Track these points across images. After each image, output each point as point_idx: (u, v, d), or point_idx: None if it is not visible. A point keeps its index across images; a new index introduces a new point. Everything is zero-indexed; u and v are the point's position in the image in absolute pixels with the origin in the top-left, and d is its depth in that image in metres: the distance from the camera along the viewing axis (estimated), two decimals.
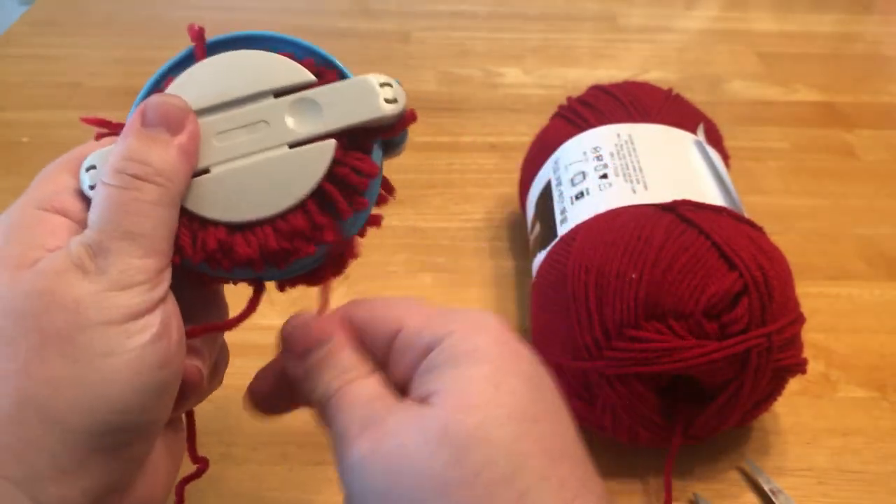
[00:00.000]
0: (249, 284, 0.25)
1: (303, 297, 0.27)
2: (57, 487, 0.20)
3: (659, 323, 0.35)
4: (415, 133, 0.27)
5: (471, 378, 0.20)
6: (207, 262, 0.23)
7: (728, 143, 0.51)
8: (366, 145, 0.25)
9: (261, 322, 0.26)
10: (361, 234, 0.27)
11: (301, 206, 0.23)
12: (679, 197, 0.39)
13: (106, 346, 0.20)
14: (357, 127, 0.24)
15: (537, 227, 0.46)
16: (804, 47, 0.82)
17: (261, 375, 0.26)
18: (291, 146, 0.24)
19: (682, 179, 0.42)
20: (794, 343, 0.38)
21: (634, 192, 0.41)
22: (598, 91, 0.50)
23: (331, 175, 0.24)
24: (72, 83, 0.71)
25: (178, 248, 0.23)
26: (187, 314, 0.23)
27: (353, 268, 0.52)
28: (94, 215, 0.22)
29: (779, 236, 0.41)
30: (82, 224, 0.23)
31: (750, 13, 0.90)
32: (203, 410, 0.28)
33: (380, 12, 0.86)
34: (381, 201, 0.26)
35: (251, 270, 0.23)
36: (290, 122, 0.24)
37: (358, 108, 0.24)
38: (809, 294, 0.50)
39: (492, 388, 0.19)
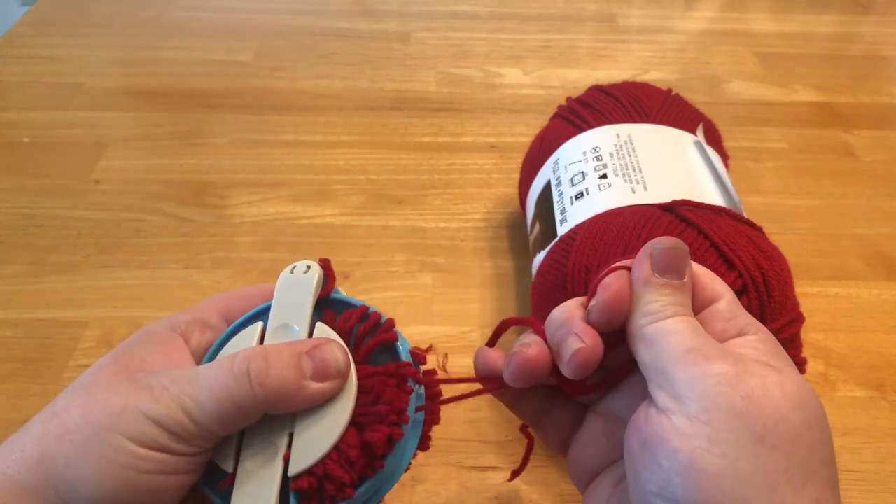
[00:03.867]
0: None
1: None
2: None
3: None
4: (415, 133, 0.27)
5: (802, 378, 0.23)
6: None
7: (727, 144, 0.51)
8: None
9: None
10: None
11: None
12: (678, 197, 0.39)
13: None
14: None
15: (537, 227, 0.46)
16: (803, 48, 0.82)
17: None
18: None
19: (682, 179, 0.42)
20: (794, 343, 0.38)
21: (634, 192, 0.41)
22: (598, 91, 0.50)
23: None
24: (72, 83, 0.71)
25: None
26: None
27: (354, 268, 0.52)
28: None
29: (778, 236, 0.41)
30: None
31: (749, 14, 0.90)
32: None
33: (380, 12, 0.87)
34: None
35: None
36: None
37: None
38: (808, 294, 0.50)
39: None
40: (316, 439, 0.24)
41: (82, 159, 0.61)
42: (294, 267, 0.28)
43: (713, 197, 0.41)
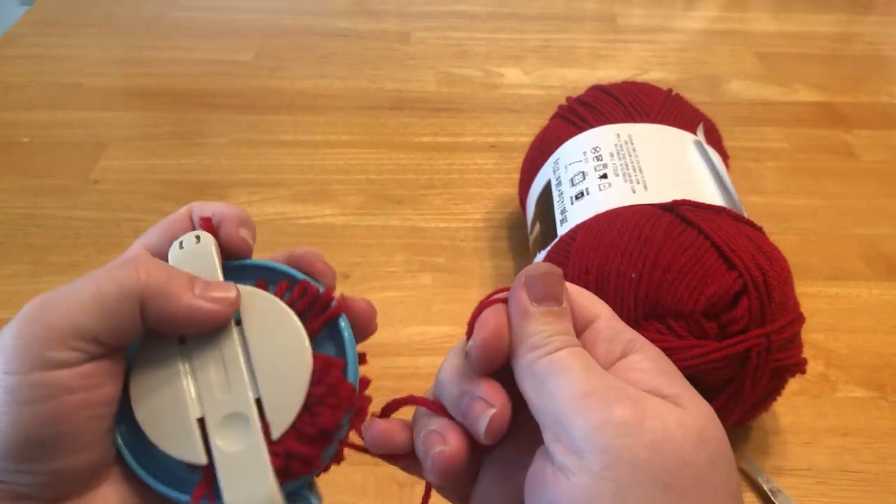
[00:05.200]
0: None
1: None
2: None
3: (658, 323, 0.35)
4: (415, 133, 0.27)
5: (697, 397, 0.22)
6: None
7: (728, 144, 0.51)
8: None
9: None
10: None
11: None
12: (679, 197, 0.39)
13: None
14: None
15: (537, 227, 0.46)
16: (804, 47, 0.82)
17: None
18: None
19: (682, 179, 0.42)
20: (794, 343, 0.38)
21: (634, 192, 0.41)
22: (598, 91, 0.50)
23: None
24: (72, 83, 0.71)
25: None
26: None
27: (354, 268, 0.52)
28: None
29: (778, 236, 0.41)
30: None
31: (749, 13, 0.90)
32: None
33: (380, 12, 0.86)
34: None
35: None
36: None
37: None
38: (809, 294, 0.50)
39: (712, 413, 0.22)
40: (282, 405, 0.23)
41: (82, 159, 0.61)
42: (181, 241, 0.25)
43: (713, 197, 0.41)
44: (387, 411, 0.26)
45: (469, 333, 0.24)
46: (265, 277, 0.26)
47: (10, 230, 0.54)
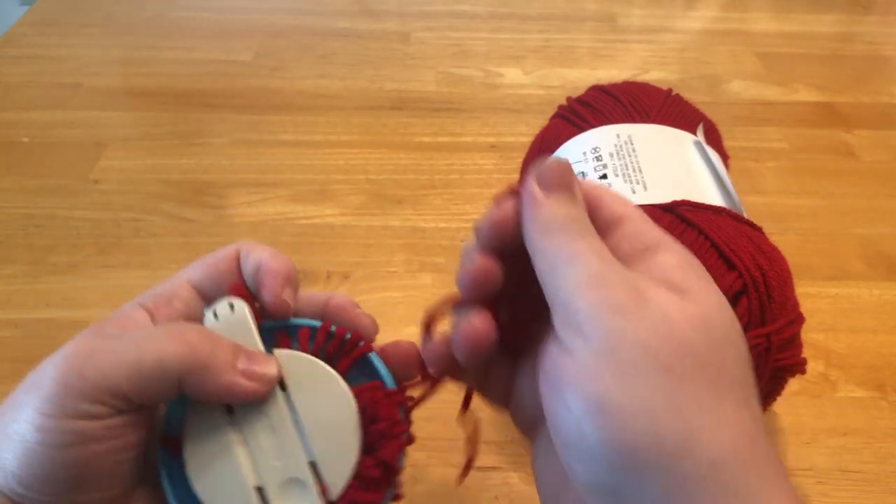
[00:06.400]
0: None
1: None
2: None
3: None
4: (415, 133, 0.27)
5: (711, 291, 0.22)
6: None
7: (728, 144, 0.51)
8: None
9: None
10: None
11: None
12: (678, 197, 0.39)
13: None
14: None
15: None
16: (804, 47, 0.82)
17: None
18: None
19: (682, 180, 0.42)
20: (794, 343, 0.38)
21: (634, 192, 0.41)
22: (598, 91, 0.50)
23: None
24: (72, 83, 0.71)
25: None
26: None
27: (354, 268, 0.52)
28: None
29: (778, 236, 0.41)
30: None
31: (749, 13, 0.90)
32: None
33: (380, 12, 0.86)
34: None
35: None
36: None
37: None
38: (809, 294, 0.50)
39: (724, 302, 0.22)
40: (336, 462, 0.24)
41: (82, 159, 0.61)
42: (214, 311, 0.25)
43: (713, 197, 0.41)
44: (429, 324, 0.27)
45: (425, 332, 0.25)
46: (285, 332, 0.26)
47: (10, 230, 0.54)
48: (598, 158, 0.44)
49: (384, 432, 0.25)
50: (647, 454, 0.19)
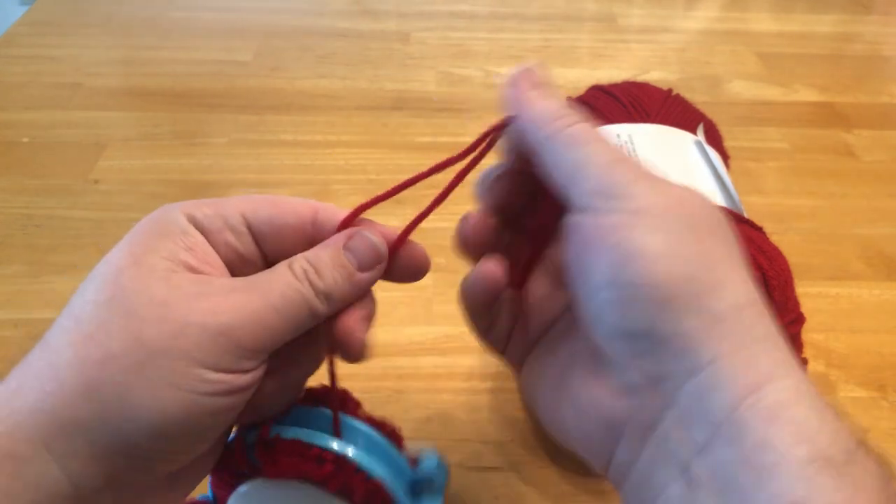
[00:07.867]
0: None
1: None
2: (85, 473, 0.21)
3: None
4: (415, 133, 0.27)
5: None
6: None
7: (728, 144, 0.51)
8: None
9: None
10: None
11: None
12: None
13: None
14: None
15: None
16: (804, 47, 0.82)
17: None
18: None
19: (682, 180, 0.42)
20: (794, 343, 0.38)
21: None
22: (598, 91, 0.50)
23: None
24: (72, 83, 0.71)
25: None
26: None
27: None
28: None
29: (779, 236, 0.41)
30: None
31: (750, 13, 0.90)
32: None
33: (380, 12, 0.86)
34: None
35: None
36: None
37: None
38: (809, 294, 0.50)
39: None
40: None
41: (82, 159, 0.61)
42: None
43: (714, 197, 0.41)
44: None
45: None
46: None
47: (10, 230, 0.54)
48: None
49: None
50: (681, 293, 0.21)
